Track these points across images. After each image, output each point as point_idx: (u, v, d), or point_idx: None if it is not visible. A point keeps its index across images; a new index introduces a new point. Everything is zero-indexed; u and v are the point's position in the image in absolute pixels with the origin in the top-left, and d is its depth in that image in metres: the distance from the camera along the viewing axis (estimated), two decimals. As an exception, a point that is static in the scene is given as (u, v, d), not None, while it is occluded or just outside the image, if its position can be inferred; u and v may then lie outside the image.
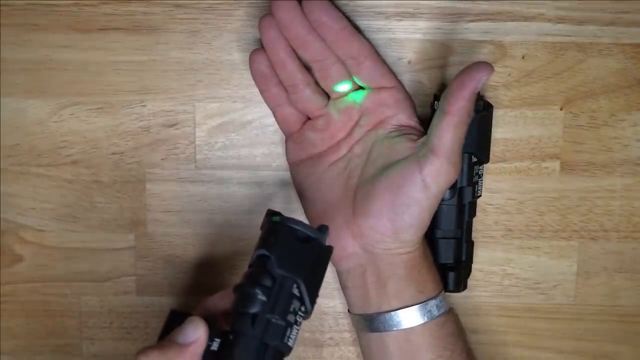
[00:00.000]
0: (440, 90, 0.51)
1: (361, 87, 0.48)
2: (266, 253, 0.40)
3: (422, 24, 0.51)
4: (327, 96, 0.49)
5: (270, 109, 0.50)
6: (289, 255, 0.40)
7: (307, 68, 0.48)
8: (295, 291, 0.40)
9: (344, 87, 0.48)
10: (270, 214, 0.42)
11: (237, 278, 0.53)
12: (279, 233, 0.41)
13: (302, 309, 0.41)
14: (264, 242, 0.41)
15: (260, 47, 0.48)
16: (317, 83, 0.48)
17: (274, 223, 0.41)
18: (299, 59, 0.47)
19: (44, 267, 0.53)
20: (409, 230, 0.45)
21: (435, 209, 0.46)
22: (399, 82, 0.48)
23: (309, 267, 0.41)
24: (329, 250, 0.42)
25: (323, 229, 0.42)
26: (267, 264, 0.40)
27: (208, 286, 0.53)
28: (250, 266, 0.41)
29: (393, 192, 0.45)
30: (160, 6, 0.50)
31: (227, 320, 0.42)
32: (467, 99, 0.43)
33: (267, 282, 0.40)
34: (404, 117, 0.48)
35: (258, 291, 0.39)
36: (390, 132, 0.47)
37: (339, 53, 0.46)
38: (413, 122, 0.48)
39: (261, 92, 0.49)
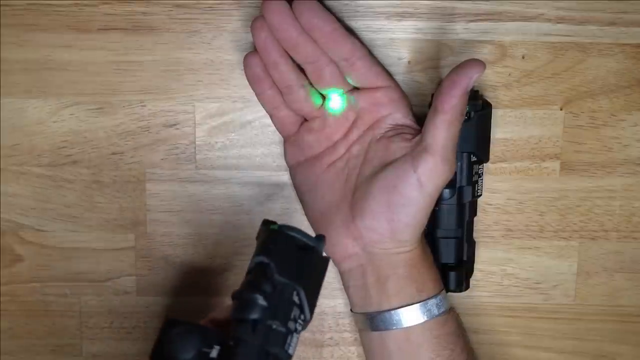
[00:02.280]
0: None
1: (356, 88, 0.48)
2: (265, 260, 0.40)
3: (422, 24, 0.51)
4: (322, 97, 0.49)
5: (267, 112, 0.50)
6: (288, 262, 0.40)
7: (302, 69, 0.48)
8: (295, 298, 0.40)
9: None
10: (267, 222, 0.42)
11: (237, 278, 0.53)
12: (278, 241, 0.41)
13: (302, 317, 0.40)
14: (262, 249, 0.41)
15: (254, 49, 0.47)
16: (311, 84, 0.48)
17: (272, 231, 0.41)
18: (293, 60, 0.47)
19: (44, 267, 0.53)
20: (406, 230, 0.45)
21: (431, 208, 0.46)
22: (394, 81, 0.48)
23: (308, 275, 0.41)
24: (326, 261, 0.42)
25: (320, 238, 0.42)
26: (267, 271, 0.40)
27: (208, 286, 0.53)
28: (248, 273, 0.41)
29: (389, 192, 0.45)
30: (160, 6, 0.50)
31: (226, 331, 0.41)
32: (459, 97, 0.43)
33: (268, 288, 0.39)
34: (400, 116, 0.47)
35: (259, 296, 0.39)
36: (386, 131, 0.47)
37: (331, 54, 0.46)
38: (409, 120, 0.48)
39: (257, 95, 0.49)
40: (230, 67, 0.51)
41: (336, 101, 0.48)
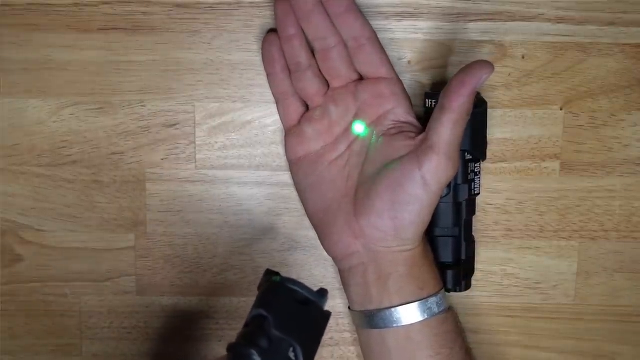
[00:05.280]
0: (433, 89, 0.51)
1: (359, 79, 0.48)
2: (264, 313, 0.40)
3: (422, 24, 0.51)
4: (327, 84, 0.49)
5: (275, 97, 0.50)
6: (287, 317, 0.40)
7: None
8: (291, 355, 0.39)
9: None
10: (270, 273, 0.42)
11: (237, 278, 0.53)
12: (278, 294, 0.40)
13: None
14: (262, 302, 0.40)
15: (273, 30, 0.49)
16: (319, 70, 0.49)
17: (273, 283, 0.41)
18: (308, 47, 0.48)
19: (44, 267, 0.53)
20: (410, 228, 0.46)
21: (435, 206, 0.46)
22: (397, 76, 0.48)
23: (306, 330, 0.40)
24: (327, 316, 0.42)
25: (323, 293, 0.41)
26: (264, 325, 0.39)
27: (208, 286, 0.53)
28: (246, 325, 0.41)
29: (393, 190, 0.45)
30: (160, 6, 0.50)
31: None
32: (467, 96, 0.43)
33: (264, 344, 0.39)
34: (402, 112, 0.48)
35: (254, 352, 0.38)
36: (389, 129, 0.48)
37: (342, 32, 0.47)
38: (411, 118, 0.48)
39: (268, 76, 0.50)
40: (230, 67, 0.51)
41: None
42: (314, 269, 0.53)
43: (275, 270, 0.42)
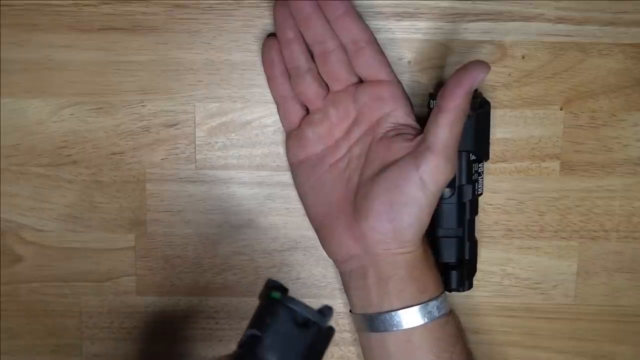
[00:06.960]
0: (436, 89, 0.51)
1: (359, 82, 0.48)
2: (258, 334, 0.37)
3: (422, 24, 0.51)
4: (327, 88, 0.49)
5: (275, 101, 0.50)
6: (282, 339, 0.37)
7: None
8: None
9: None
10: (271, 284, 0.39)
11: (237, 278, 0.53)
12: (276, 313, 0.38)
13: None
14: (257, 320, 0.38)
15: (273, 34, 0.49)
16: (318, 73, 0.49)
17: (273, 300, 0.38)
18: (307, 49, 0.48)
19: (44, 267, 0.53)
20: (409, 230, 0.45)
21: (434, 208, 0.46)
22: (397, 78, 0.48)
23: (303, 354, 0.38)
24: (329, 334, 0.39)
25: (325, 312, 0.39)
26: (257, 347, 0.37)
27: (208, 286, 0.53)
28: (239, 346, 0.38)
29: (391, 192, 0.45)
30: (160, 6, 0.50)
31: None
32: (463, 97, 0.43)
33: None
34: (401, 114, 0.48)
35: None
36: (388, 131, 0.48)
37: (340, 35, 0.47)
38: (410, 120, 0.48)
39: (268, 79, 0.50)
40: (230, 67, 0.51)
41: None
42: (314, 269, 0.53)
43: (277, 280, 0.40)
